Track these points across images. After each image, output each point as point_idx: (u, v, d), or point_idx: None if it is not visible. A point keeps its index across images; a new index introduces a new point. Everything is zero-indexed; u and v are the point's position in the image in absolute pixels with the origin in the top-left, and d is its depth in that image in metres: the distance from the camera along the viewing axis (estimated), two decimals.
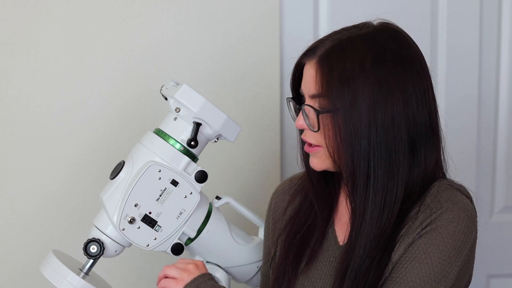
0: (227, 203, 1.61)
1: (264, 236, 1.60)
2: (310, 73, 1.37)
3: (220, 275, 1.56)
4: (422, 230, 1.33)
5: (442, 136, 1.41)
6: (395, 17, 1.49)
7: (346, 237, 1.41)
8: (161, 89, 1.53)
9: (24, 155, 1.88)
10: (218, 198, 1.60)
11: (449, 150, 1.47)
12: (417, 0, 2.10)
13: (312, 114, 1.37)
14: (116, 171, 1.47)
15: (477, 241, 1.39)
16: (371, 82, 1.32)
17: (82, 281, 1.43)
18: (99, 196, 1.49)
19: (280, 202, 1.57)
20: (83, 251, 1.46)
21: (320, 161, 1.40)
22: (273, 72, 2.04)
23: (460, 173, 1.58)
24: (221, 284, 1.49)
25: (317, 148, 1.39)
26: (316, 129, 1.36)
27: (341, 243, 1.44)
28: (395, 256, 1.34)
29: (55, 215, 1.91)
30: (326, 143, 1.36)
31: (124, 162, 1.48)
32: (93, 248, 1.46)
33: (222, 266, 1.57)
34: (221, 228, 1.55)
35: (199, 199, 1.47)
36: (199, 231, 1.52)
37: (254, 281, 1.63)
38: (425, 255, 1.32)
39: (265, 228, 1.60)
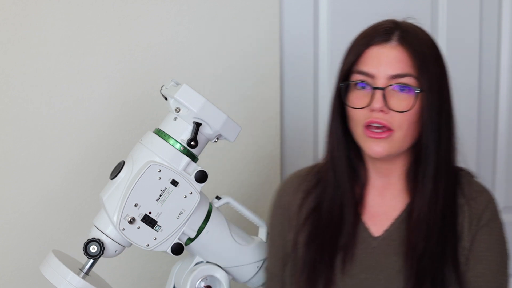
0: (227, 203, 1.61)
1: (274, 235, 1.58)
2: (391, 53, 1.41)
3: (220, 275, 1.56)
4: (478, 223, 1.44)
5: (455, 125, 1.49)
6: (395, 17, 1.49)
7: (383, 228, 1.47)
8: (161, 89, 1.53)
9: (24, 155, 1.88)
10: (218, 198, 1.60)
11: None
12: (417, 0, 2.10)
13: (404, 94, 1.40)
14: (116, 171, 1.47)
15: None
16: (440, 68, 1.44)
17: (82, 281, 1.43)
18: (99, 196, 1.49)
19: (293, 200, 1.56)
20: (83, 251, 1.46)
21: (389, 146, 1.42)
22: (273, 72, 2.04)
23: None
24: (221, 284, 1.50)
25: (389, 133, 1.41)
26: (408, 108, 1.39)
27: (375, 234, 1.48)
28: (464, 250, 1.43)
29: (55, 215, 1.91)
30: (407, 123, 1.40)
31: (124, 162, 1.48)
32: (93, 248, 1.45)
33: (222, 266, 1.57)
34: (221, 228, 1.55)
35: (199, 199, 1.47)
36: (199, 231, 1.51)
37: (254, 281, 1.63)
38: (489, 253, 1.43)
39: (274, 227, 1.58)
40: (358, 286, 1.46)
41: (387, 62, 1.40)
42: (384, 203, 1.50)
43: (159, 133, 1.48)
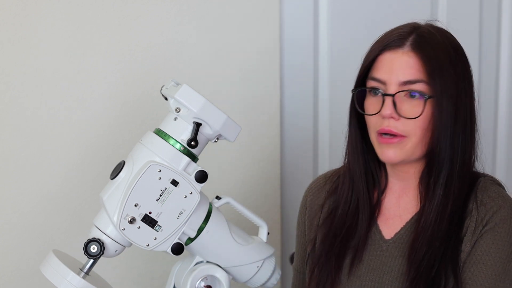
0: (227, 203, 1.61)
1: (298, 234, 1.63)
2: (403, 60, 1.39)
3: (220, 275, 1.56)
4: (483, 228, 1.40)
5: (477, 131, 1.47)
6: (395, 17, 1.49)
7: (395, 231, 1.47)
8: (161, 89, 1.53)
9: (24, 155, 1.88)
10: (218, 198, 1.60)
11: None
12: (417, 0, 2.10)
13: (415, 101, 1.39)
14: (116, 171, 1.47)
15: None
16: (458, 73, 1.41)
17: (83, 281, 1.43)
18: (99, 196, 1.49)
19: (316, 199, 1.59)
20: (83, 251, 1.46)
21: (401, 152, 1.41)
22: (273, 72, 2.04)
23: None
24: (221, 284, 1.51)
25: (401, 138, 1.40)
26: (418, 114, 1.39)
27: (387, 237, 1.48)
28: (463, 254, 1.40)
29: (55, 215, 1.91)
30: (419, 130, 1.39)
31: (124, 162, 1.48)
32: (94, 248, 1.45)
33: (222, 266, 1.57)
34: (221, 228, 1.55)
35: (199, 199, 1.47)
36: (199, 231, 1.52)
37: (254, 281, 1.63)
38: (488, 257, 1.39)
39: (299, 225, 1.63)
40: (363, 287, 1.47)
41: (398, 68, 1.40)
42: (399, 207, 1.50)
43: (159, 133, 1.48)
